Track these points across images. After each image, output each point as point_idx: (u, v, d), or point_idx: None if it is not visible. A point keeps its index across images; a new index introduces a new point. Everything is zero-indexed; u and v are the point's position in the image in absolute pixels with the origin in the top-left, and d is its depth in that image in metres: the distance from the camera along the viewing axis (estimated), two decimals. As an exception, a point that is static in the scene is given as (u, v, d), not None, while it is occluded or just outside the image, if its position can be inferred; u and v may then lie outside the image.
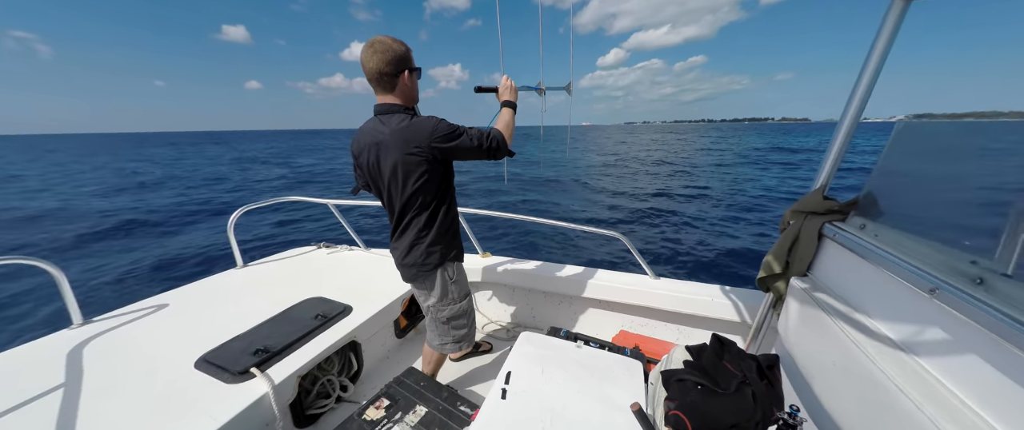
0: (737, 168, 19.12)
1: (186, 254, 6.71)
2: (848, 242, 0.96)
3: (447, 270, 1.43)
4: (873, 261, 0.86)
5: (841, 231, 1.00)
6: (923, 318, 0.73)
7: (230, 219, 2.38)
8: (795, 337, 1.11)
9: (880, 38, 0.95)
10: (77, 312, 1.70)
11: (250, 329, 1.66)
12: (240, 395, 1.30)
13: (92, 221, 9.26)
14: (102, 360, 1.47)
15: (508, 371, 1.26)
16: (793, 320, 1.13)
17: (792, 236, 1.15)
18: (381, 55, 1.20)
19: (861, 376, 0.79)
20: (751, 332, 1.48)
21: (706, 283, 2.04)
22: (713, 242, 6.89)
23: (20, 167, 25.51)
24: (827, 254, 1.08)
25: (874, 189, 0.99)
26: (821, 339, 0.97)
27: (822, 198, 1.09)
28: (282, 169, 22.78)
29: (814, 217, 1.10)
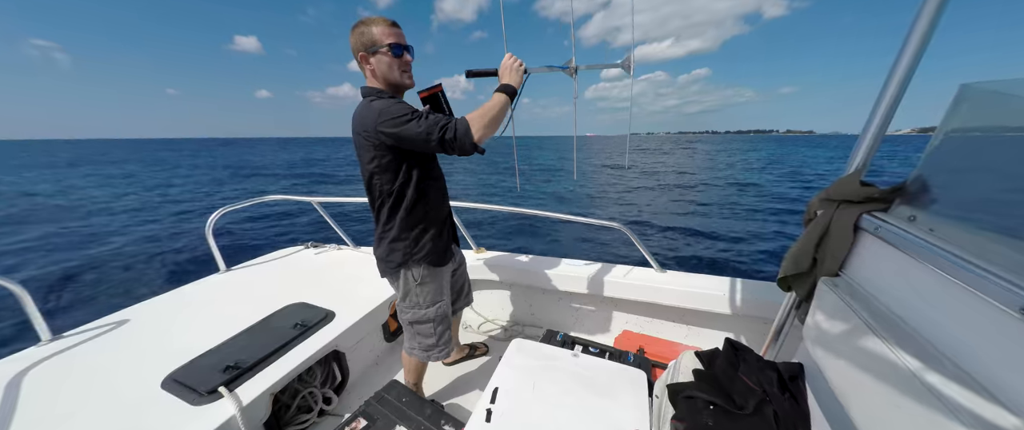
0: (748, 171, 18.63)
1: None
2: (895, 238, 0.78)
3: (412, 271, 1.30)
4: (932, 263, 0.69)
5: (885, 224, 0.82)
6: (1007, 343, 0.56)
7: (208, 221, 2.26)
8: (824, 347, 0.95)
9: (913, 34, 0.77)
10: (44, 328, 1.60)
11: (225, 341, 1.54)
12: (206, 417, 1.19)
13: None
14: (65, 379, 1.38)
15: (495, 387, 1.12)
16: (822, 326, 0.97)
17: (821, 229, 0.97)
18: (352, 37, 1.19)
19: (910, 402, 0.63)
20: (770, 335, 1.32)
21: (715, 276, 1.88)
22: (726, 236, 6.65)
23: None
24: (866, 251, 0.90)
25: (927, 172, 0.80)
26: (858, 352, 0.81)
27: (859, 184, 0.91)
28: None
29: (848, 206, 0.92)
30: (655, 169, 17.67)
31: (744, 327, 1.70)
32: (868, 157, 0.93)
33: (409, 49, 1.20)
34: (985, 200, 0.70)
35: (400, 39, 1.17)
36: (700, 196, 10.46)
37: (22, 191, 13.66)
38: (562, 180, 15.56)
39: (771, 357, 1.29)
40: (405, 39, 1.19)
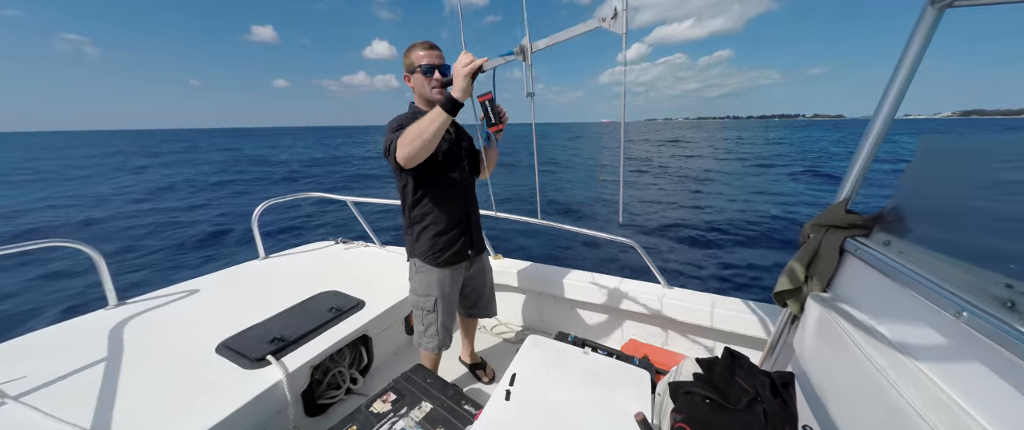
0: (761, 178, 18.56)
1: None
2: (871, 259, 0.92)
3: (413, 261, 1.55)
4: (897, 280, 0.82)
5: (863, 247, 0.96)
6: (948, 342, 0.69)
7: (254, 212, 2.48)
8: (812, 355, 1.07)
9: (911, 46, 0.91)
10: (113, 293, 1.81)
11: (268, 318, 1.72)
12: (256, 381, 1.35)
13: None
14: (133, 340, 1.57)
15: (513, 373, 1.26)
16: (810, 337, 1.09)
17: (812, 250, 1.11)
18: (404, 60, 1.40)
19: (880, 400, 0.75)
20: (766, 348, 1.43)
21: (722, 294, 1.99)
22: (731, 253, 6.69)
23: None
24: (848, 270, 1.03)
25: (899, 204, 0.94)
26: (839, 358, 0.93)
27: (845, 211, 1.05)
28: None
29: (836, 231, 1.06)
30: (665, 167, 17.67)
31: (745, 343, 1.80)
32: (855, 188, 1.07)
33: (440, 68, 1.36)
34: (940, 228, 0.84)
35: (433, 60, 1.36)
36: (712, 201, 10.52)
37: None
38: (564, 179, 15.64)
39: (767, 367, 1.39)
40: (440, 59, 1.37)
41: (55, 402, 1.20)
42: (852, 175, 1.06)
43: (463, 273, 1.64)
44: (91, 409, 1.19)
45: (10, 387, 1.25)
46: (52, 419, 1.13)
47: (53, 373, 1.34)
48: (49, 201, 11.31)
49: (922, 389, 0.68)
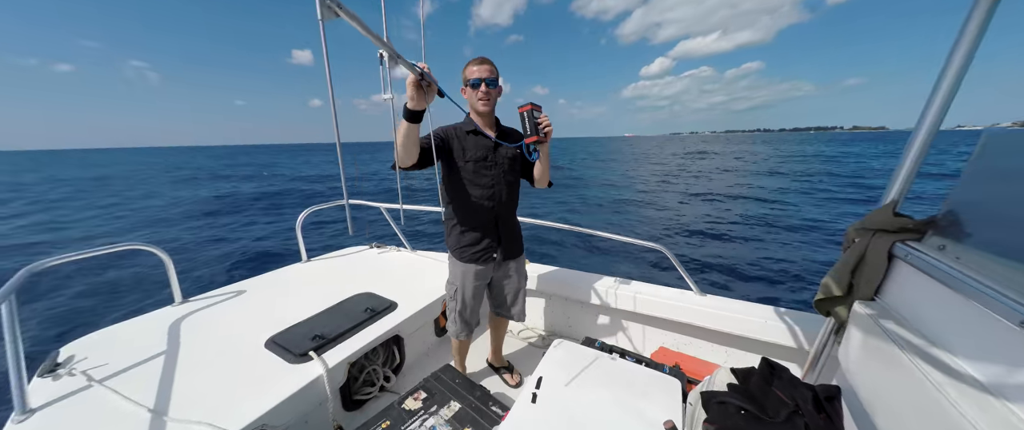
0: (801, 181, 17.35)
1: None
2: (924, 265, 0.85)
3: (448, 252, 1.69)
4: (954, 287, 0.76)
5: (916, 252, 0.89)
6: (1015, 356, 0.64)
7: (298, 218, 2.67)
8: (859, 368, 1.00)
9: (964, 36, 0.85)
10: (178, 292, 2.01)
11: (310, 317, 1.84)
12: (300, 375, 1.45)
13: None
14: (194, 333, 1.73)
15: (540, 376, 1.27)
16: (856, 349, 1.02)
17: (857, 255, 1.04)
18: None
19: (938, 420, 0.70)
20: (808, 360, 1.35)
21: (758, 303, 1.89)
22: (767, 259, 6.30)
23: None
24: (899, 277, 0.96)
25: (956, 206, 0.87)
26: (890, 373, 0.87)
27: (893, 214, 0.98)
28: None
29: (883, 235, 0.99)
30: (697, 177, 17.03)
31: (784, 354, 1.69)
32: (904, 190, 1.00)
33: (486, 81, 1.44)
34: (1002, 231, 0.77)
35: (480, 74, 1.43)
36: (742, 207, 9.94)
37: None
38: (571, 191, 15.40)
39: (810, 381, 1.31)
40: (489, 73, 1.43)
41: (130, 386, 1.35)
42: (900, 176, 1.00)
43: (491, 273, 1.69)
44: (160, 394, 1.33)
45: (96, 372, 1.43)
46: (128, 401, 1.27)
47: (130, 361, 1.51)
48: (121, 208, 12.66)
49: (987, 410, 0.63)
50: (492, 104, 1.49)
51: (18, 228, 9.83)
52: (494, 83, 1.46)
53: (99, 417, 1.23)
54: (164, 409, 1.25)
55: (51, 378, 1.40)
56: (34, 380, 1.39)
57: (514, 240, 1.71)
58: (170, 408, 1.26)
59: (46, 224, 10.36)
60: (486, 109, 1.49)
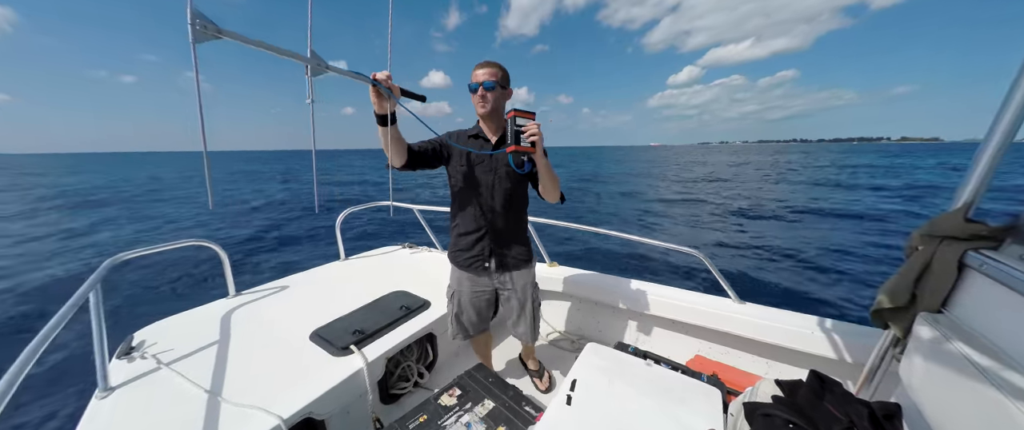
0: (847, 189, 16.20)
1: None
2: (1003, 276, 0.79)
3: (449, 259, 1.71)
4: None
5: (993, 262, 0.82)
6: None
7: (338, 219, 2.80)
8: (924, 386, 0.93)
9: None
10: (232, 286, 2.17)
11: (350, 312, 1.93)
12: (342, 367, 1.52)
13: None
14: (246, 324, 1.86)
15: (574, 379, 1.27)
16: (921, 365, 0.95)
17: (921, 263, 0.97)
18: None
19: None
20: (863, 375, 1.27)
21: (802, 313, 1.79)
22: (810, 267, 5.92)
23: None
24: (971, 289, 0.89)
25: None
26: (962, 392, 0.81)
27: (964, 220, 0.91)
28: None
29: (953, 243, 0.92)
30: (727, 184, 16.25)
31: (832, 368, 1.59)
32: (978, 193, 0.93)
33: (483, 84, 1.42)
34: None
35: (478, 78, 1.42)
36: (782, 215, 9.36)
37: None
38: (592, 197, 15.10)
39: (865, 397, 1.23)
40: (484, 77, 1.41)
41: (192, 370, 1.48)
42: (974, 178, 0.92)
43: (490, 283, 1.66)
44: (217, 378, 1.44)
45: (164, 356, 1.57)
46: (191, 384, 1.39)
47: (191, 347, 1.64)
48: (181, 205, 13.77)
49: None
50: (490, 107, 1.45)
51: (105, 222, 10.94)
52: (492, 86, 1.43)
53: (167, 397, 1.34)
54: (221, 392, 1.36)
55: (127, 360, 1.55)
56: (113, 361, 1.54)
57: (510, 252, 1.60)
58: (226, 392, 1.36)
59: (130, 218, 11.50)
60: (483, 112, 1.47)
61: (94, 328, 1.38)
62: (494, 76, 1.43)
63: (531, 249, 1.70)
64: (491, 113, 1.48)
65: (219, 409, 1.28)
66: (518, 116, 1.29)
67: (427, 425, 1.27)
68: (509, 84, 1.50)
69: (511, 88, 1.52)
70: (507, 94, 1.51)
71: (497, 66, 1.44)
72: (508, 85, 1.49)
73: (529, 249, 1.68)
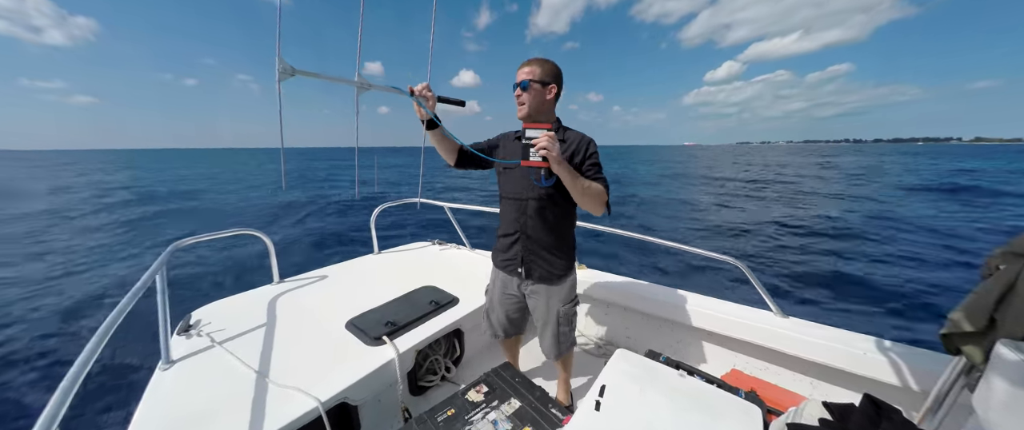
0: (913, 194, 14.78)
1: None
2: None
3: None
4: None
5: None
6: None
7: (372, 214, 2.91)
8: (1006, 421, 0.84)
9: None
10: (276, 273, 2.32)
11: (383, 304, 2.00)
12: (375, 356, 1.58)
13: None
14: (288, 310, 1.98)
15: (603, 384, 1.25)
16: (1002, 397, 0.85)
17: (1004, 285, 0.87)
18: None
19: None
20: (927, 404, 1.15)
21: (855, 331, 1.66)
22: (865, 282, 5.46)
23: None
24: None
25: None
26: None
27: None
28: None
29: (1044, 263, 0.82)
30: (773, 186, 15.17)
31: (888, 393, 1.46)
32: None
33: (519, 84, 1.40)
34: None
35: (518, 78, 1.40)
36: (835, 222, 8.65)
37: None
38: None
39: (928, 428, 1.12)
40: (522, 76, 1.39)
41: (241, 350, 1.59)
42: None
43: (521, 288, 1.63)
44: (263, 359, 1.54)
45: (217, 335, 1.70)
46: (240, 362, 1.50)
47: (240, 329, 1.77)
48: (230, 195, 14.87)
49: None
50: (529, 108, 1.40)
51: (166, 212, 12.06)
52: (527, 85, 1.38)
53: (220, 373, 1.46)
54: (267, 372, 1.45)
55: (185, 337, 1.69)
56: (174, 337, 1.69)
57: (543, 262, 1.53)
58: (271, 372, 1.46)
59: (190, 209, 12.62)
60: (520, 115, 1.43)
61: (159, 307, 1.52)
62: (532, 74, 1.38)
63: (569, 264, 1.58)
64: (530, 115, 1.42)
65: (265, 388, 1.37)
66: (528, 128, 1.28)
67: (455, 419, 1.30)
68: (557, 79, 1.42)
69: (555, 84, 1.42)
70: (549, 91, 1.41)
71: (538, 62, 1.39)
72: (554, 80, 1.41)
73: (567, 264, 1.56)
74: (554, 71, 1.41)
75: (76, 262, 6.91)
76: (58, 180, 21.90)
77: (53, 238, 8.73)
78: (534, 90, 1.40)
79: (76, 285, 5.83)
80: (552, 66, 1.41)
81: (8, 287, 5.69)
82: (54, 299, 5.28)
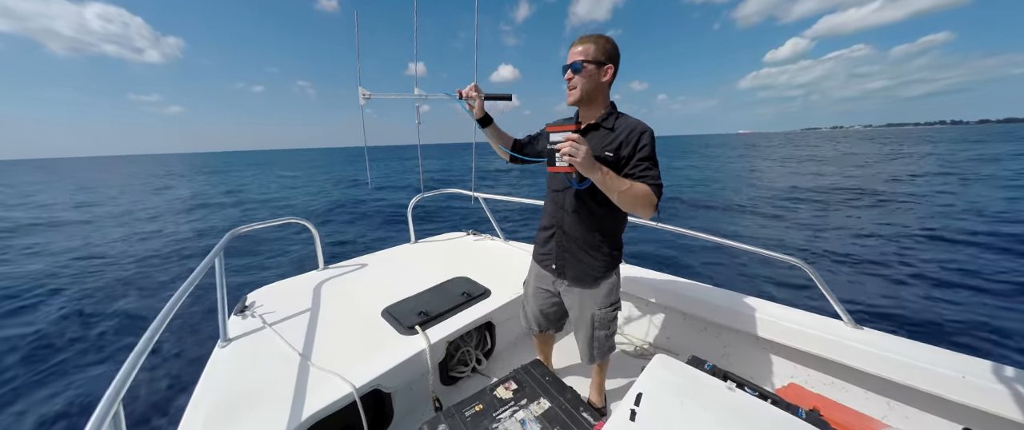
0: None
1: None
2: None
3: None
4: None
5: None
6: None
7: (409, 204, 2.98)
8: None
9: None
10: (321, 260, 2.45)
11: (416, 294, 2.04)
12: (409, 345, 1.61)
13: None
14: (330, 296, 2.08)
15: (639, 392, 1.16)
16: None
17: None
18: None
19: None
20: None
21: (948, 349, 1.41)
22: (957, 296, 4.70)
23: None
24: None
25: None
26: None
27: None
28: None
29: None
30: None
31: (991, 426, 1.22)
32: None
33: (571, 66, 1.27)
34: None
35: (568, 59, 1.29)
36: (932, 223, 7.45)
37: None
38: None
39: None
40: (572, 57, 1.27)
41: (288, 332, 1.70)
42: None
43: (556, 286, 1.56)
44: (306, 342, 1.63)
45: (268, 317, 1.83)
46: (286, 344, 1.59)
47: (288, 312, 1.89)
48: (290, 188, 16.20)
49: None
50: (581, 92, 1.28)
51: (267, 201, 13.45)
52: (579, 67, 1.24)
53: (268, 354, 1.56)
54: (309, 355, 1.53)
55: (241, 317, 1.84)
56: (231, 317, 1.84)
57: (576, 261, 1.44)
58: (313, 355, 1.54)
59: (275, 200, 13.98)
60: (571, 99, 1.32)
61: (218, 289, 1.66)
62: (585, 53, 1.24)
63: (609, 265, 1.45)
64: (582, 100, 1.31)
65: (308, 370, 1.45)
66: (551, 131, 1.21)
67: (482, 415, 1.28)
68: (613, 59, 1.27)
69: (612, 64, 1.28)
70: (605, 72, 1.28)
71: (592, 40, 1.25)
72: (610, 60, 1.27)
73: (607, 265, 1.44)
74: (611, 49, 1.26)
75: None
76: (195, 183, 24.88)
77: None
78: (588, 71, 1.25)
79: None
80: (608, 43, 1.26)
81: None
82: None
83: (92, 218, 11.93)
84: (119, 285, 5.75)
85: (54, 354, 3.84)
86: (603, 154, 1.27)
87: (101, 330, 4.35)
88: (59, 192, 21.76)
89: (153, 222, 10.78)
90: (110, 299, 5.22)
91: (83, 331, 4.33)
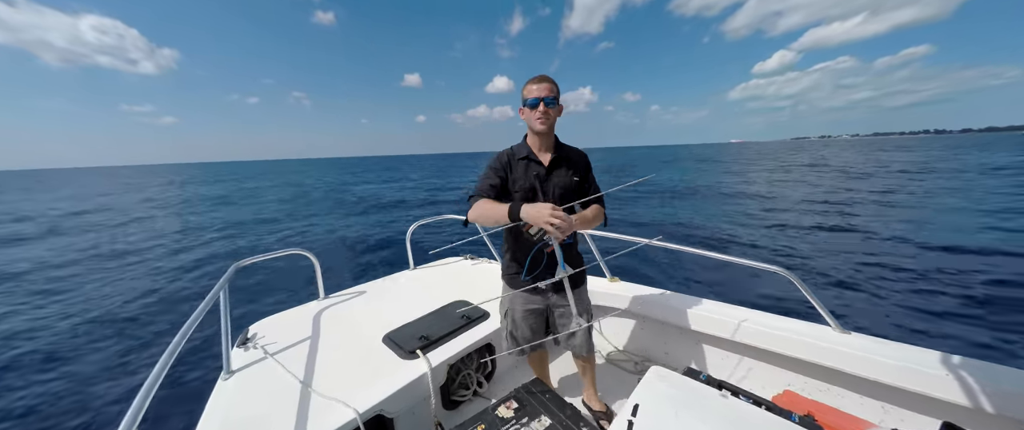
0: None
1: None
2: None
3: (502, 279, 1.73)
4: None
5: None
6: None
7: (408, 231, 3.04)
8: None
9: None
10: (322, 289, 2.48)
11: (416, 318, 2.07)
12: (410, 370, 1.64)
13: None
14: (331, 325, 2.10)
15: (636, 404, 1.20)
16: None
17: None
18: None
19: None
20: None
21: (932, 350, 1.47)
22: (941, 295, 4.78)
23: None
24: None
25: None
26: None
27: None
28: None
29: None
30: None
31: (972, 420, 1.26)
32: None
33: (544, 100, 1.43)
34: None
35: (540, 93, 1.44)
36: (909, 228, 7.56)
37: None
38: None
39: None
40: (548, 92, 1.44)
41: (290, 362, 1.71)
42: None
43: (544, 301, 1.64)
44: (308, 371, 1.65)
45: (269, 347, 1.84)
46: (289, 374, 1.61)
47: (290, 341, 1.91)
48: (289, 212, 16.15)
49: None
50: (551, 124, 1.49)
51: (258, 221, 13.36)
52: (553, 102, 1.46)
53: (272, 384, 1.58)
54: (312, 383, 1.55)
55: (243, 349, 1.85)
56: (234, 349, 1.86)
57: (576, 271, 1.57)
58: (316, 383, 1.55)
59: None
60: (543, 128, 1.47)
61: (222, 322, 1.69)
62: (553, 91, 1.46)
63: (584, 270, 1.67)
64: (551, 130, 1.52)
65: (311, 398, 1.46)
66: (528, 229, 1.34)
67: (485, 435, 1.30)
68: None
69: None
70: (560, 109, 1.54)
71: (550, 81, 1.48)
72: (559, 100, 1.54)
73: (583, 271, 1.66)
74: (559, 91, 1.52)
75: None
76: (213, 188, 24.09)
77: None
78: (558, 107, 1.52)
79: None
80: (559, 87, 1.52)
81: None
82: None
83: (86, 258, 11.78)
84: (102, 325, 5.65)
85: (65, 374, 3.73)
86: (571, 181, 1.55)
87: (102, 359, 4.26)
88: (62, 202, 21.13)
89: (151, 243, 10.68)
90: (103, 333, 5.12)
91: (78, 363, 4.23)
